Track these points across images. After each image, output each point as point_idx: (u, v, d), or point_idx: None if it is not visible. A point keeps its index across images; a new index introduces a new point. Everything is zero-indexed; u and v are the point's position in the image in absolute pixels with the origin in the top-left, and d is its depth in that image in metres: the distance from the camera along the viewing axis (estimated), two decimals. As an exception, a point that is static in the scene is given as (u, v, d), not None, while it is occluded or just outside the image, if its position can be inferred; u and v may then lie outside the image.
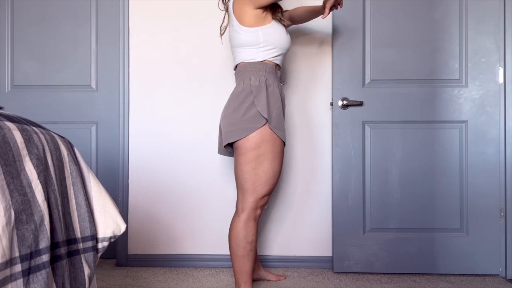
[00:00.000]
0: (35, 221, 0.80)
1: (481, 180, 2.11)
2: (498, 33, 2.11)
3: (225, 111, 1.68)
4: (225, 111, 1.68)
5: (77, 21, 2.36)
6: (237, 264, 1.64)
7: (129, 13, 2.28)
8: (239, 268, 1.64)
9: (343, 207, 2.15)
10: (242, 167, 1.60)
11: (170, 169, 2.27)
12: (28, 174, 0.82)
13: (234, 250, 1.63)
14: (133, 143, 2.28)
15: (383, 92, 2.14)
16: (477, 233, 2.11)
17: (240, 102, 1.62)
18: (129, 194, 2.28)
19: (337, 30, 2.13)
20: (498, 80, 2.11)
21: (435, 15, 2.13)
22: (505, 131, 2.11)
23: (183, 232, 2.28)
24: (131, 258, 2.27)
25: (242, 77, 1.68)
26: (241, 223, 1.62)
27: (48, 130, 0.99)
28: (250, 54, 1.67)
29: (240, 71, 1.70)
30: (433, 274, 2.13)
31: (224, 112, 1.68)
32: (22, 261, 0.76)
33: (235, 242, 1.63)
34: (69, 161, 0.99)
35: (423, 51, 2.13)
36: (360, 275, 2.13)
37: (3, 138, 0.79)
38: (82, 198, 1.00)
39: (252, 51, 1.67)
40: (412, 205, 2.13)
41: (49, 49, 2.36)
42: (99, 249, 1.03)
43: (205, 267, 2.24)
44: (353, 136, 2.14)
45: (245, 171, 1.60)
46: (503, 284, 1.99)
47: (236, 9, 1.65)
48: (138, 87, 2.28)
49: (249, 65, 1.67)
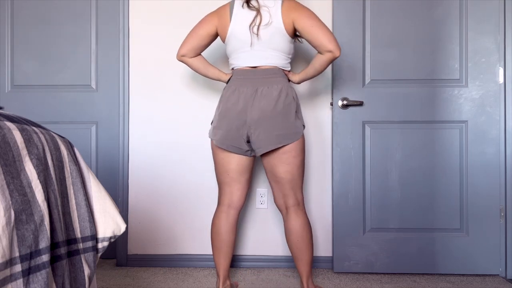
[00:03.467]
0: (35, 221, 0.80)
1: (481, 180, 2.11)
2: (498, 33, 2.11)
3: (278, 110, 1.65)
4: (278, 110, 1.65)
5: (77, 21, 2.36)
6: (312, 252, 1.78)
7: (129, 13, 2.28)
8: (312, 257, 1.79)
9: (343, 207, 2.15)
10: (300, 166, 1.74)
11: (170, 169, 2.27)
12: (28, 174, 0.82)
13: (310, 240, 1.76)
14: (133, 143, 2.28)
15: (383, 92, 2.14)
16: (477, 233, 2.11)
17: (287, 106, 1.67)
18: (129, 194, 2.28)
19: (337, 30, 2.13)
20: (498, 80, 2.11)
21: (435, 15, 2.13)
22: (505, 131, 2.11)
23: (183, 232, 2.28)
24: (131, 258, 2.27)
25: (276, 81, 1.70)
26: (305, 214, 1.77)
27: (48, 130, 0.99)
28: (283, 60, 1.74)
29: (274, 73, 1.70)
30: (433, 274, 2.13)
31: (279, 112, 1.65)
32: (22, 261, 0.76)
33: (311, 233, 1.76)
34: (69, 161, 0.99)
35: (423, 51, 2.13)
36: (360, 275, 2.13)
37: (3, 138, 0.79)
38: (82, 198, 1.00)
39: (285, 59, 1.75)
40: (412, 205, 2.13)
41: (49, 49, 2.36)
42: (99, 249, 1.03)
43: (205, 267, 2.24)
44: (353, 136, 2.14)
45: (302, 170, 1.76)
46: (503, 284, 1.99)
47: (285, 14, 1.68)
48: (138, 87, 2.28)
49: (281, 71, 1.74)
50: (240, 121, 1.66)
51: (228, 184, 1.78)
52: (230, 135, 1.68)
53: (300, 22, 1.65)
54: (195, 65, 1.83)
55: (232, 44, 1.73)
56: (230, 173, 1.76)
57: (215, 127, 1.74)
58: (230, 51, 1.77)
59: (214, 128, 1.74)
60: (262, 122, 1.65)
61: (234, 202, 1.79)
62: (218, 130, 1.71)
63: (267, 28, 1.67)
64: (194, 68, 1.84)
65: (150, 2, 2.27)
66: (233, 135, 1.68)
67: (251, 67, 1.72)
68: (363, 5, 2.14)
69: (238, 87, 1.70)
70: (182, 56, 1.80)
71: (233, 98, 1.69)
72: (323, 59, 1.66)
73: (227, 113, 1.69)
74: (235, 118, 1.67)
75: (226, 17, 1.73)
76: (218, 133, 1.71)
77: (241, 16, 1.71)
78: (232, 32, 1.71)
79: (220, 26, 1.74)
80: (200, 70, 1.85)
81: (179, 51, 1.80)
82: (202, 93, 2.27)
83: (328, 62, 1.67)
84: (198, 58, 1.82)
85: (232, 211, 1.79)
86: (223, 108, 1.71)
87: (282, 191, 1.75)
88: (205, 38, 1.77)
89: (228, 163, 1.74)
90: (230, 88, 1.73)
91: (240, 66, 1.74)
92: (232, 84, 1.73)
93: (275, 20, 1.67)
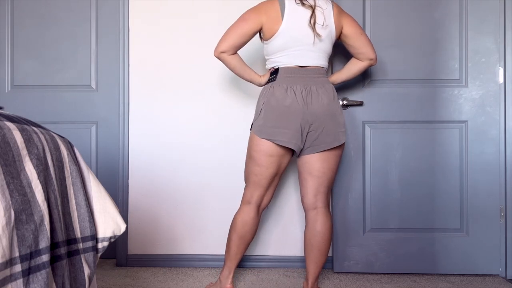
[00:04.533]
0: (35, 221, 0.80)
1: (481, 180, 2.11)
2: (498, 33, 2.11)
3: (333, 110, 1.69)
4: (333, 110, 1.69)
5: (77, 21, 2.36)
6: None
7: (129, 13, 2.28)
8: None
9: (343, 207, 2.15)
10: (338, 165, 1.79)
11: (170, 169, 2.27)
12: (28, 174, 0.82)
13: (330, 244, 1.80)
14: (133, 143, 2.28)
15: (383, 92, 2.14)
16: (477, 233, 2.11)
17: (338, 105, 1.73)
18: (129, 194, 2.28)
19: (337, 30, 2.13)
20: (498, 80, 2.11)
21: (435, 15, 2.13)
22: (505, 131, 2.11)
23: (183, 232, 2.28)
24: (131, 258, 2.27)
25: (325, 81, 1.73)
26: (331, 218, 1.81)
27: (48, 130, 0.99)
28: (327, 62, 1.77)
29: (322, 73, 1.74)
30: (433, 274, 2.13)
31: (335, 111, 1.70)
32: (22, 261, 0.76)
33: (331, 230, 1.79)
34: (69, 161, 0.99)
35: (423, 51, 2.13)
36: (360, 275, 2.13)
37: (3, 138, 0.79)
38: (82, 198, 1.00)
39: (327, 60, 1.78)
40: (412, 205, 2.13)
41: (49, 49, 2.36)
42: (99, 249, 1.03)
43: (205, 267, 2.24)
44: (353, 136, 2.14)
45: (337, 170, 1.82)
46: (503, 284, 1.99)
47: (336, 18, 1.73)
48: (138, 87, 2.28)
49: (325, 72, 1.77)
50: (302, 119, 1.65)
51: (267, 187, 1.75)
52: (296, 134, 1.65)
53: (349, 28, 1.75)
54: (233, 63, 1.73)
55: (283, 41, 1.68)
56: (276, 175, 1.74)
57: (272, 127, 1.65)
58: (277, 48, 1.71)
59: (271, 128, 1.66)
60: (324, 120, 1.66)
61: (264, 203, 1.80)
62: (282, 130, 1.64)
63: (324, 28, 1.69)
64: (232, 66, 1.74)
65: (150, 2, 2.27)
66: (298, 134, 1.65)
67: (300, 66, 1.70)
68: (363, 5, 2.14)
69: (290, 85, 1.67)
70: (222, 53, 1.69)
71: (288, 97, 1.65)
72: (363, 65, 1.81)
73: (287, 111, 1.64)
74: (298, 116, 1.64)
75: (276, 14, 1.67)
76: (281, 133, 1.64)
77: (296, 14, 1.68)
78: (285, 29, 1.66)
79: (268, 23, 1.67)
80: (237, 69, 1.75)
81: (219, 47, 1.68)
82: (203, 93, 2.27)
83: (365, 68, 1.83)
84: (236, 56, 1.72)
85: (260, 211, 1.79)
86: (280, 107, 1.65)
87: (317, 188, 1.74)
88: (249, 36, 1.70)
89: (278, 166, 1.71)
90: (280, 86, 1.67)
91: (289, 65, 1.70)
92: (283, 82, 1.67)
93: (329, 22, 1.70)
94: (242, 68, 1.76)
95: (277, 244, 2.26)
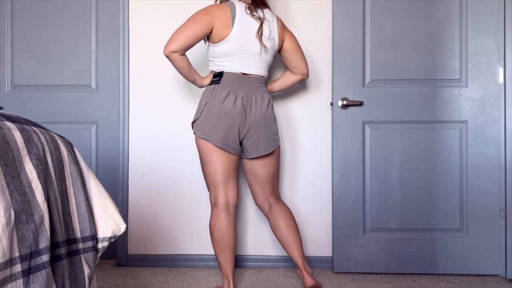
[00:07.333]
0: (35, 221, 0.80)
1: (481, 180, 2.11)
2: (498, 33, 2.11)
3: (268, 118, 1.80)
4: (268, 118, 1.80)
5: (77, 21, 2.35)
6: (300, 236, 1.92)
7: (129, 13, 2.28)
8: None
9: (343, 207, 2.15)
10: (278, 165, 1.93)
11: (170, 169, 2.27)
12: (28, 174, 0.82)
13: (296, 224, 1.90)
14: (133, 143, 2.28)
15: (383, 92, 2.14)
16: (477, 233, 2.11)
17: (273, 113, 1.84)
18: (129, 194, 2.28)
19: (337, 29, 2.13)
20: (498, 80, 2.11)
21: (435, 15, 2.13)
22: (505, 131, 2.11)
23: (183, 232, 2.28)
24: (131, 258, 2.27)
25: (264, 90, 1.84)
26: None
27: (48, 130, 0.99)
28: (267, 72, 1.87)
29: (262, 82, 1.84)
30: (433, 274, 2.13)
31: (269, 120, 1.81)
32: (22, 261, 0.76)
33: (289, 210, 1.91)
34: (69, 161, 0.99)
35: (423, 51, 2.13)
36: (360, 275, 2.13)
37: (3, 138, 0.79)
38: (82, 198, 1.00)
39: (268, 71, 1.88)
40: (412, 205, 2.13)
41: (49, 49, 2.36)
42: (99, 249, 1.03)
43: (205, 267, 2.24)
44: (353, 136, 2.14)
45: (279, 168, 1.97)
46: (503, 284, 1.99)
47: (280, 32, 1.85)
48: (138, 87, 2.28)
49: (265, 81, 1.87)
50: (239, 124, 1.74)
51: (224, 182, 1.79)
52: (231, 136, 1.73)
53: (289, 42, 1.88)
54: (182, 64, 1.73)
55: (231, 47, 1.73)
56: (227, 170, 1.78)
57: (210, 127, 1.72)
58: (224, 53, 1.75)
59: (209, 129, 1.73)
60: (260, 126, 1.77)
61: (231, 200, 1.81)
62: (216, 131, 1.71)
63: (269, 41, 1.80)
64: (180, 66, 1.73)
65: (150, 2, 2.27)
66: (233, 137, 1.74)
67: (244, 73, 1.78)
68: (363, 5, 2.14)
69: (233, 90, 1.74)
70: (173, 52, 1.68)
71: (229, 101, 1.72)
72: (296, 79, 1.97)
73: (226, 115, 1.71)
74: (235, 121, 1.72)
75: (226, 19, 1.72)
76: (216, 133, 1.72)
77: (246, 23, 1.74)
78: (235, 36, 1.72)
79: (218, 27, 1.71)
80: (185, 70, 1.76)
81: (170, 46, 1.67)
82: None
83: (297, 82, 2.00)
84: (185, 57, 1.74)
85: (231, 209, 1.80)
86: (220, 110, 1.71)
87: (263, 189, 1.88)
88: (200, 37, 1.71)
89: (225, 161, 1.77)
90: (223, 90, 1.73)
91: (233, 71, 1.77)
92: (226, 87, 1.74)
93: (274, 35, 1.81)
94: (189, 69, 1.79)
95: (277, 244, 2.26)
